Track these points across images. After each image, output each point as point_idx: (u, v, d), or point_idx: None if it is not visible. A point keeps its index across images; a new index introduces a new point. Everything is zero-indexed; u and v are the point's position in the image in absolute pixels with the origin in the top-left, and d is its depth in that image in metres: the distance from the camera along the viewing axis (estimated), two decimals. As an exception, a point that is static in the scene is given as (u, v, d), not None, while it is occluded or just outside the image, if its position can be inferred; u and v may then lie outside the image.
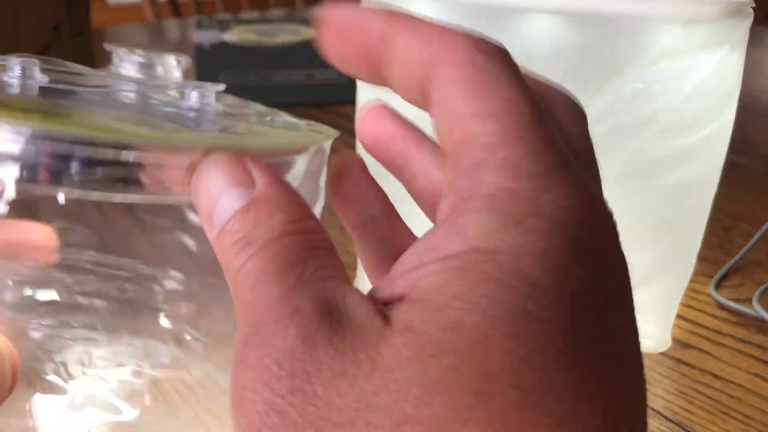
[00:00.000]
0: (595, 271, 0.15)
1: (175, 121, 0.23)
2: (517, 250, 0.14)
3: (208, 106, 0.24)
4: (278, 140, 0.24)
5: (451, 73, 0.15)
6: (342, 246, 0.51)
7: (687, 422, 0.34)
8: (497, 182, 0.15)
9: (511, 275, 0.14)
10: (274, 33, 0.78)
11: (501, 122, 0.15)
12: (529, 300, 0.14)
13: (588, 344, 0.14)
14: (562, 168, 0.15)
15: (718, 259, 0.46)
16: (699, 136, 0.33)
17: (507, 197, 0.14)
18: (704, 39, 0.31)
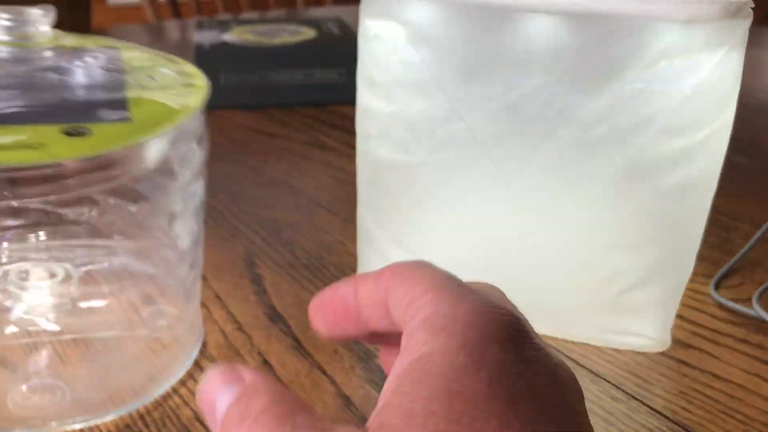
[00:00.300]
0: (505, 349, 0.20)
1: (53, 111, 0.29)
2: (444, 348, 0.20)
3: (94, 79, 0.31)
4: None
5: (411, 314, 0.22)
6: (343, 247, 0.51)
7: (687, 422, 0.34)
8: (426, 312, 0.21)
9: (443, 368, 0.19)
10: (273, 33, 0.78)
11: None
12: (457, 382, 0.19)
13: (506, 400, 0.19)
14: (469, 294, 0.22)
15: (718, 259, 0.46)
16: (699, 136, 0.33)
17: (433, 317, 0.21)
18: (704, 39, 0.31)
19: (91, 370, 0.35)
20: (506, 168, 0.35)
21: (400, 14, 0.34)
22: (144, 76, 0.33)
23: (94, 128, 0.28)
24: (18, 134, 0.27)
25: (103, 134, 0.28)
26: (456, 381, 0.19)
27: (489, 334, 0.20)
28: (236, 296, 0.42)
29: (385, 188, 0.38)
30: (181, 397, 0.34)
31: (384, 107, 0.36)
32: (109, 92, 0.31)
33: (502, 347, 0.20)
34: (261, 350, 0.38)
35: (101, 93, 0.31)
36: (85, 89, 0.31)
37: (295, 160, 0.61)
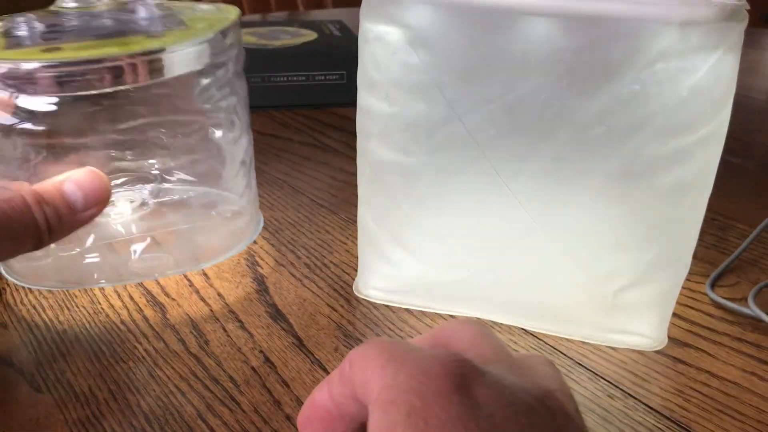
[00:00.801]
0: (450, 402, 0.20)
1: (135, 30, 0.40)
2: (393, 422, 0.20)
3: (154, 14, 0.42)
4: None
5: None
6: (343, 246, 0.51)
7: (684, 420, 0.34)
8: (377, 389, 0.21)
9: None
10: (274, 36, 0.79)
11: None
12: None
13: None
14: (412, 356, 0.22)
15: (714, 259, 0.47)
16: (695, 137, 0.34)
17: (382, 392, 0.21)
18: (700, 41, 0.32)
19: (178, 243, 0.44)
20: (504, 168, 0.35)
21: (400, 17, 0.34)
22: (190, 10, 0.44)
23: (168, 33, 0.40)
24: (114, 42, 0.38)
25: (173, 36, 0.39)
26: None
27: (431, 392, 0.20)
28: (238, 295, 0.43)
29: (385, 189, 0.39)
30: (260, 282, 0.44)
31: (384, 109, 0.36)
32: (168, 18, 0.42)
33: (447, 400, 0.20)
34: (263, 348, 0.38)
35: (162, 20, 0.42)
36: (148, 21, 0.42)
37: (296, 160, 0.61)
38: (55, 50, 0.36)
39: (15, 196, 0.34)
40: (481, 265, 0.39)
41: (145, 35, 0.39)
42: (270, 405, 0.35)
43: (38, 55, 0.36)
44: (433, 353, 0.22)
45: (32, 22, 0.40)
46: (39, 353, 0.38)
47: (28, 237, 0.34)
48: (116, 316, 0.41)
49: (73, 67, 0.35)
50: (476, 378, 0.21)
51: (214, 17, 0.42)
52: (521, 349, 0.39)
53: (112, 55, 0.36)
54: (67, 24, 0.41)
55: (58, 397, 0.35)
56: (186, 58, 0.39)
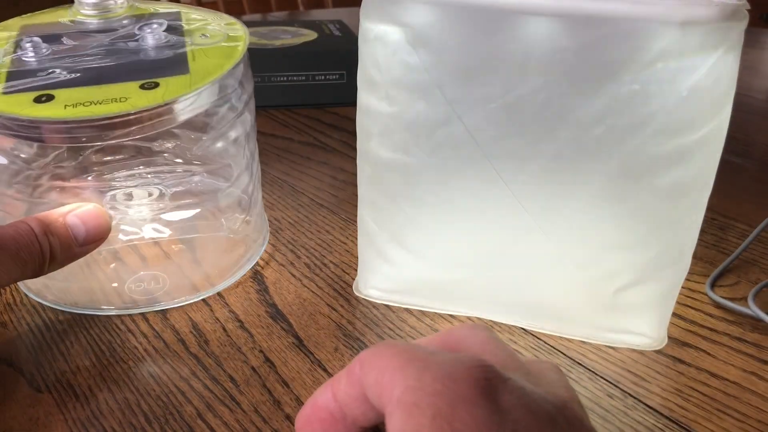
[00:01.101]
0: (476, 405, 0.20)
1: (135, 71, 0.39)
2: (418, 425, 0.20)
3: (161, 41, 0.41)
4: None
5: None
6: (343, 246, 0.51)
7: (683, 419, 0.34)
8: (398, 391, 0.21)
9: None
10: (274, 36, 0.79)
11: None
12: None
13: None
14: (434, 359, 0.22)
15: (714, 259, 0.47)
16: (695, 137, 0.34)
17: (404, 394, 0.21)
18: (700, 41, 0.32)
19: (184, 262, 0.44)
20: (504, 168, 0.35)
21: (400, 17, 0.34)
22: (199, 35, 0.43)
23: (162, 82, 0.38)
24: (108, 92, 0.37)
25: (170, 85, 0.37)
26: None
27: (457, 396, 0.20)
28: (238, 294, 0.43)
29: (385, 188, 0.39)
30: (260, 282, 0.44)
31: (384, 108, 0.36)
32: (173, 50, 0.41)
33: (473, 405, 0.20)
34: (263, 348, 0.38)
35: (167, 51, 0.41)
36: (154, 50, 0.41)
37: (296, 160, 0.61)
38: (47, 99, 0.36)
39: (23, 224, 0.36)
40: (480, 264, 0.39)
41: (138, 83, 0.38)
42: (270, 405, 0.35)
43: (28, 109, 0.35)
44: (457, 357, 0.22)
45: (39, 48, 0.40)
46: (39, 353, 0.38)
47: (31, 264, 0.35)
48: (116, 317, 0.41)
49: (59, 125, 0.36)
50: (501, 384, 0.21)
51: (220, 51, 0.41)
52: (521, 348, 0.39)
53: (99, 116, 0.35)
54: (69, 54, 0.40)
55: (58, 396, 0.35)
56: (180, 110, 0.38)
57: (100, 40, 0.42)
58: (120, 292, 0.41)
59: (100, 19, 0.43)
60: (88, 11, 0.43)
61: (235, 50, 0.41)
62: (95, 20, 0.43)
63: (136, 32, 0.42)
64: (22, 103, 0.36)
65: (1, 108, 0.35)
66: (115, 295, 0.41)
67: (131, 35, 0.42)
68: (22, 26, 0.43)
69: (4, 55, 0.40)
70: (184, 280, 0.42)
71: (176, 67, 0.39)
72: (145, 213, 0.45)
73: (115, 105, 0.36)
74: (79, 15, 0.44)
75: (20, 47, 0.40)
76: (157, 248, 0.44)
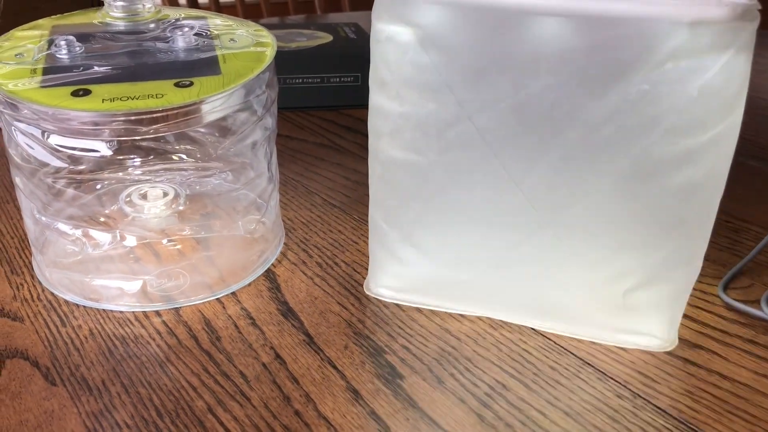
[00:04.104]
0: None
1: (167, 71, 0.40)
2: None
3: (191, 44, 0.43)
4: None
5: None
6: (355, 245, 0.51)
7: (693, 421, 0.34)
8: None
9: None
10: (291, 38, 0.79)
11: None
12: None
13: None
14: None
15: (727, 261, 0.47)
16: (705, 137, 0.34)
17: None
18: (710, 41, 0.32)
19: (199, 261, 0.44)
20: (514, 168, 0.35)
21: (411, 17, 0.34)
22: (227, 40, 0.44)
23: (196, 81, 0.39)
24: (144, 88, 0.38)
25: (204, 85, 0.38)
26: None
27: None
28: (250, 292, 0.43)
29: (395, 188, 0.39)
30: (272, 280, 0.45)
31: (395, 108, 0.37)
32: (204, 53, 0.42)
33: None
34: (273, 345, 0.39)
35: (198, 53, 0.42)
36: (185, 52, 0.42)
37: (310, 161, 0.61)
38: (84, 93, 0.37)
39: None
40: (490, 264, 0.39)
41: (172, 81, 0.39)
42: (279, 401, 0.35)
43: (66, 102, 0.36)
44: None
45: (73, 46, 0.41)
46: (54, 347, 0.39)
47: None
48: (130, 313, 0.41)
49: (97, 118, 0.37)
50: None
51: (249, 55, 0.42)
52: (531, 348, 0.39)
53: (138, 110, 0.37)
54: (101, 52, 0.42)
55: (72, 390, 0.36)
56: (212, 108, 0.39)
57: (130, 40, 0.43)
58: (135, 289, 0.42)
59: (128, 22, 0.44)
60: (117, 14, 0.45)
61: (263, 55, 0.42)
62: (123, 23, 0.44)
63: (166, 34, 0.44)
64: (60, 97, 0.37)
65: (40, 100, 0.36)
66: (131, 292, 0.42)
67: (160, 37, 0.44)
68: (53, 26, 0.45)
69: (40, 52, 0.41)
70: (200, 279, 0.43)
71: (208, 68, 0.40)
72: (160, 212, 0.45)
73: (152, 101, 0.37)
74: (108, 17, 0.45)
75: (54, 45, 0.41)
76: (172, 247, 0.45)
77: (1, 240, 0.49)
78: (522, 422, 0.34)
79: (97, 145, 0.40)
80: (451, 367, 0.37)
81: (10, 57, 0.40)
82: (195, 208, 0.47)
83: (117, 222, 0.45)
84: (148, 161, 0.44)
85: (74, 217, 0.44)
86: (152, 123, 0.37)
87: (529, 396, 0.36)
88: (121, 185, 0.46)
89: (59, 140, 0.39)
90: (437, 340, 0.39)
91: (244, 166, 0.46)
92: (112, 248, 0.43)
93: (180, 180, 0.46)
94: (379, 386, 0.36)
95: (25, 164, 0.41)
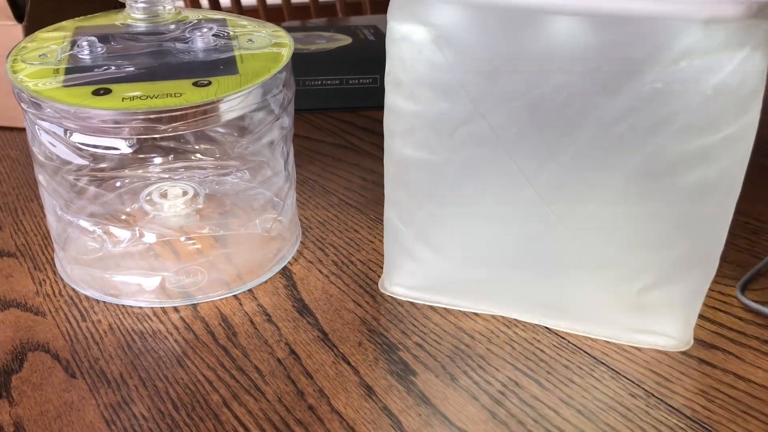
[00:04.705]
0: None
1: (186, 70, 0.41)
2: None
3: (210, 45, 0.44)
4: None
5: None
6: (371, 244, 0.52)
7: (707, 421, 0.34)
8: None
9: None
10: (310, 41, 0.80)
11: None
12: None
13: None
14: None
15: (746, 263, 0.46)
16: (720, 136, 0.33)
17: None
18: (725, 39, 0.31)
19: (217, 259, 0.45)
20: (527, 166, 0.35)
21: (425, 17, 0.35)
22: (245, 40, 0.45)
23: (214, 80, 0.40)
24: (163, 87, 0.39)
25: (221, 84, 0.39)
26: None
27: None
28: (266, 289, 0.44)
29: (409, 186, 0.39)
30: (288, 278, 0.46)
31: (409, 107, 0.37)
32: (222, 53, 0.43)
33: None
34: (289, 341, 0.39)
35: (216, 54, 0.43)
36: (203, 52, 0.43)
37: (327, 161, 0.62)
38: (104, 92, 0.38)
39: None
40: (503, 262, 0.39)
41: (191, 80, 0.40)
42: (293, 395, 0.35)
43: (87, 100, 0.37)
44: None
45: (95, 46, 0.43)
46: (74, 341, 0.39)
47: None
48: (149, 308, 0.42)
49: (118, 116, 0.38)
50: None
51: (267, 56, 0.43)
52: (544, 347, 0.39)
53: (157, 108, 0.37)
54: (122, 53, 0.43)
55: (91, 382, 0.36)
56: (229, 107, 0.40)
57: (151, 41, 0.44)
58: (154, 285, 0.43)
59: (149, 24, 0.46)
60: (138, 15, 0.46)
61: (280, 55, 0.43)
62: (144, 24, 0.45)
63: (185, 35, 0.45)
64: (82, 95, 0.38)
65: (62, 99, 0.37)
66: (149, 288, 0.43)
67: (180, 38, 0.45)
68: (76, 27, 0.46)
69: (63, 53, 0.42)
70: (217, 276, 0.44)
71: (226, 68, 0.41)
72: (179, 211, 0.46)
73: (171, 99, 0.38)
74: (129, 19, 0.46)
75: (77, 45, 0.42)
76: (191, 245, 0.45)
77: (25, 237, 0.50)
78: (535, 420, 0.34)
79: (117, 143, 0.40)
80: (465, 364, 0.38)
81: (34, 57, 0.41)
82: (213, 206, 0.48)
83: (137, 220, 0.46)
84: (168, 160, 0.45)
85: (95, 214, 0.45)
86: (171, 121, 0.38)
87: (542, 394, 0.36)
88: (141, 184, 0.47)
89: (81, 138, 0.39)
90: (451, 338, 0.39)
91: (261, 165, 0.46)
92: (131, 245, 0.44)
93: (199, 179, 0.47)
94: (392, 382, 0.36)
95: (48, 162, 0.42)
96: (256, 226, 0.47)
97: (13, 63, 0.41)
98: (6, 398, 0.35)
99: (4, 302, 0.43)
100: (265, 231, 0.46)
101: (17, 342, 0.39)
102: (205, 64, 0.42)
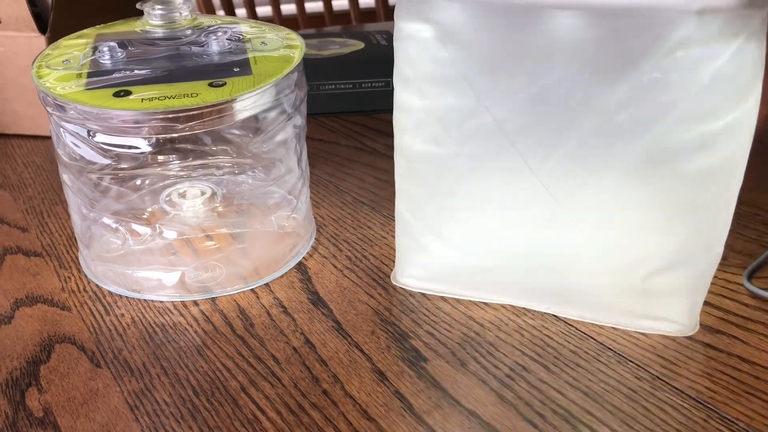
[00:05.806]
0: None
1: (202, 72, 0.43)
2: None
3: (224, 48, 0.46)
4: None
5: None
6: (383, 240, 0.53)
7: (710, 401, 0.35)
8: None
9: None
10: (324, 46, 0.82)
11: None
12: None
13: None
14: None
15: (754, 252, 0.47)
16: (720, 123, 0.34)
17: None
18: (719, 29, 0.32)
19: (234, 255, 0.47)
20: (531, 156, 0.37)
21: (430, 15, 0.36)
22: (258, 43, 0.47)
23: (228, 81, 0.42)
24: (180, 88, 0.41)
25: (236, 84, 0.41)
26: None
27: None
28: (282, 283, 0.45)
29: (418, 180, 0.41)
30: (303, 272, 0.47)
31: (416, 103, 0.38)
32: (236, 55, 0.45)
33: None
34: (304, 330, 0.41)
35: (231, 56, 0.45)
36: (218, 55, 0.45)
37: (341, 162, 0.63)
38: (125, 94, 0.40)
39: None
40: (511, 252, 0.40)
41: (207, 81, 0.42)
42: (309, 381, 0.37)
43: (108, 101, 0.39)
44: None
45: (115, 52, 0.45)
46: (99, 333, 0.41)
47: None
48: (169, 302, 0.44)
49: (137, 116, 0.40)
50: None
51: (279, 57, 0.45)
52: (553, 334, 0.40)
53: (174, 108, 0.39)
54: (141, 57, 0.45)
55: (115, 371, 0.38)
56: (244, 107, 0.41)
57: (168, 46, 0.46)
58: (174, 280, 0.44)
59: (166, 29, 0.48)
60: (155, 22, 0.48)
61: (292, 57, 0.45)
62: (162, 30, 0.48)
63: (201, 39, 0.47)
64: (103, 97, 0.40)
65: (85, 101, 0.39)
66: (170, 284, 0.44)
67: (196, 42, 0.47)
68: (97, 34, 0.48)
69: (85, 58, 0.44)
70: (235, 271, 0.45)
71: (240, 70, 0.43)
72: (198, 210, 0.48)
73: (188, 99, 0.39)
74: (148, 25, 0.48)
75: (98, 51, 0.45)
76: (209, 242, 0.47)
77: (50, 238, 0.52)
78: (541, 401, 0.35)
79: (138, 142, 0.42)
80: (474, 351, 0.39)
81: (57, 63, 0.43)
82: (230, 205, 0.49)
83: (158, 219, 0.48)
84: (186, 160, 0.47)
85: (118, 212, 0.47)
86: (188, 120, 0.39)
87: (549, 377, 0.37)
88: (161, 185, 0.49)
89: (103, 138, 0.41)
90: (461, 327, 0.41)
91: (274, 163, 0.48)
92: (152, 242, 0.46)
93: (216, 178, 0.49)
94: (404, 368, 0.37)
95: (73, 163, 0.44)
96: (272, 223, 0.48)
97: (38, 69, 0.43)
98: (35, 386, 0.37)
99: (32, 298, 0.45)
100: (280, 228, 0.48)
101: (45, 335, 0.41)
102: (220, 66, 0.44)
